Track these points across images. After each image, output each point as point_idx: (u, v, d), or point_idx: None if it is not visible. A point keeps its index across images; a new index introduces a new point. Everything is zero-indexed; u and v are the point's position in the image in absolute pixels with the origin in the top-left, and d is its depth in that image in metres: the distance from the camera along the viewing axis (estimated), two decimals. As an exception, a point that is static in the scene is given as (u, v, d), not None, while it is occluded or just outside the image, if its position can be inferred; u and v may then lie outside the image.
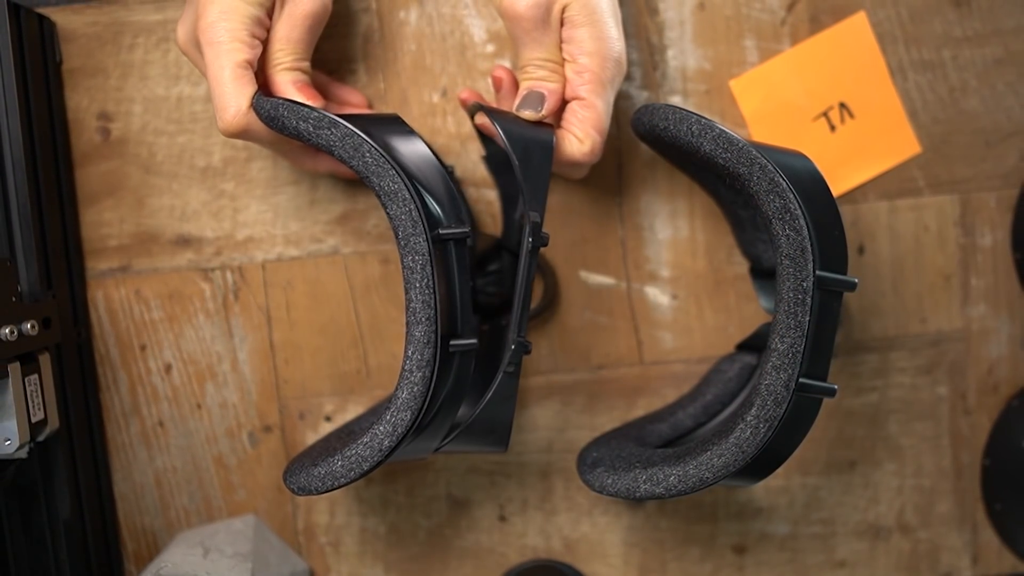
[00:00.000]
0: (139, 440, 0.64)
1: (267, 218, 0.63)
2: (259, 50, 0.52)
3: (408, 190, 0.48)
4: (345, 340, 0.64)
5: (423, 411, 0.48)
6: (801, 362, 0.46)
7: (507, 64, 0.62)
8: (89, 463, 0.62)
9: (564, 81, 0.53)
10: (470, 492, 0.65)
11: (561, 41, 0.52)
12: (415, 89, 0.63)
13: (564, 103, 0.54)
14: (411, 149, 0.52)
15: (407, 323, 0.48)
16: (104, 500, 0.64)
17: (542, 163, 0.51)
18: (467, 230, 0.50)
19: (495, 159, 0.61)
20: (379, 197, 0.48)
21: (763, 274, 0.62)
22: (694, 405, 0.61)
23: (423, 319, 0.47)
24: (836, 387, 0.46)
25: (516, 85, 0.56)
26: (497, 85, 0.57)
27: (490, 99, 0.62)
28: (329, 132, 0.49)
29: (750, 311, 0.64)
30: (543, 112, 0.52)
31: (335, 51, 0.62)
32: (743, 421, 0.46)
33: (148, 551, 0.65)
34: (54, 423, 0.57)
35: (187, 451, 0.64)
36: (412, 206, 0.48)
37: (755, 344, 0.61)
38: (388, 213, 0.48)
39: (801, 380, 0.46)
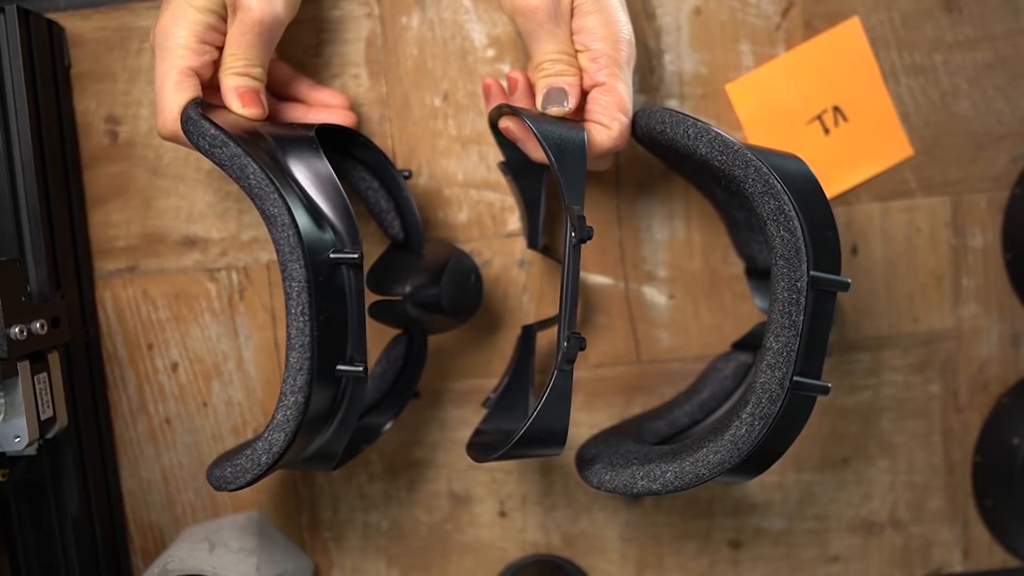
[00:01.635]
0: (146, 437, 0.64)
1: (272, 219, 0.63)
2: (210, 56, 0.52)
3: (289, 214, 0.47)
4: (348, 339, 0.64)
5: (297, 433, 0.48)
6: (795, 361, 0.46)
7: (507, 69, 0.62)
8: (97, 460, 0.62)
9: (580, 73, 0.52)
10: (471, 488, 0.65)
11: (572, 33, 0.52)
12: (417, 93, 0.63)
13: (584, 94, 0.53)
14: (314, 170, 0.51)
15: (286, 347, 0.48)
16: (112, 496, 0.64)
17: (577, 158, 0.50)
18: (356, 256, 0.49)
19: (515, 164, 0.60)
20: (264, 219, 0.48)
21: (758, 274, 0.62)
22: (690, 403, 0.61)
23: (297, 345, 0.47)
24: (830, 385, 0.46)
25: (531, 86, 0.55)
26: (512, 86, 0.56)
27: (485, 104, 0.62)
28: (221, 151, 0.48)
29: (745, 311, 0.64)
30: (569, 106, 0.51)
31: (338, 55, 0.62)
32: (738, 418, 0.46)
33: (155, 546, 0.65)
34: (63, 421, 0.57)
35: (193, 448, 0.64)
36: (291, 231, 0.47)
37: (750, 343, 0.61)
38: (272, 236, 0.48)
39: (795, 378, 0.46)
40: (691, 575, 0.66)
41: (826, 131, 0.63)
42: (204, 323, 0.64)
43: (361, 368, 0.49)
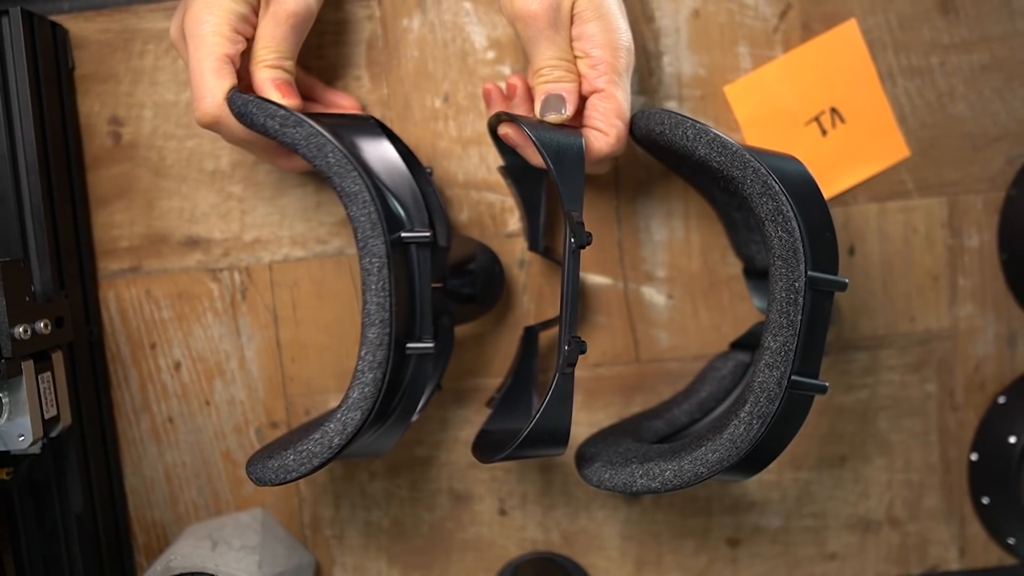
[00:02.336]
0: (149, 436, 0.64)
1: (274, 220, 0.63)
2: (242, 46, 0.52)
3: (369, 192, 0.47)
4: (350, 339, 0.64)
5: (373, 411, 0.47)
6: (793, 360, 0.46)
7: (507, 71, 0.62)
8: (101, 458, 0.62)
9: (579, 79, 0.52)
10: (471, 486, 0.65)
11: (572, 40, 0.52)
12: (418, 94, 0.63)
13: (583, 100, 0.53)
14: (378, 151, 0.51)
15: (362, 324, 0.47)
16: (115, 494, 0.64)
17: (575, 164, 0.50)
18: (428, 234, 0.49)
19: (514, 169, 0.60)
20: (340, 198, 0.48)
21: (756, 274, 0.62)
22: (689, 402, 0.61)
23: (377, 321, 0.47)
24: (827, 384, 0.46)
25: (530, 91, 0.55)
26: (511, 92, 0.56)
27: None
28: (295, 130, 0.48)
29: (744, 310, 0.64)
30: (567, 113, 0.51)
31: (340, 57, 0.62)
32: (737, 417, 0.46)
33: (158, 544, 0.65)
34: (66, 420, 0.57)
35: (196, 447, 0.64)
36: (372, 208, 0.47)
37: (748, 343, 0.61)
38: (348, 214, 0.47)
39: (793, 378, 0.46)
40: (690, 573, 0.66)
41: (824, 132, 0.63)
42: (207, 323, 0.64)
43: (431, 345, 0.49)
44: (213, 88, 0.50)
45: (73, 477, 0.59)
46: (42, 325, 0.53)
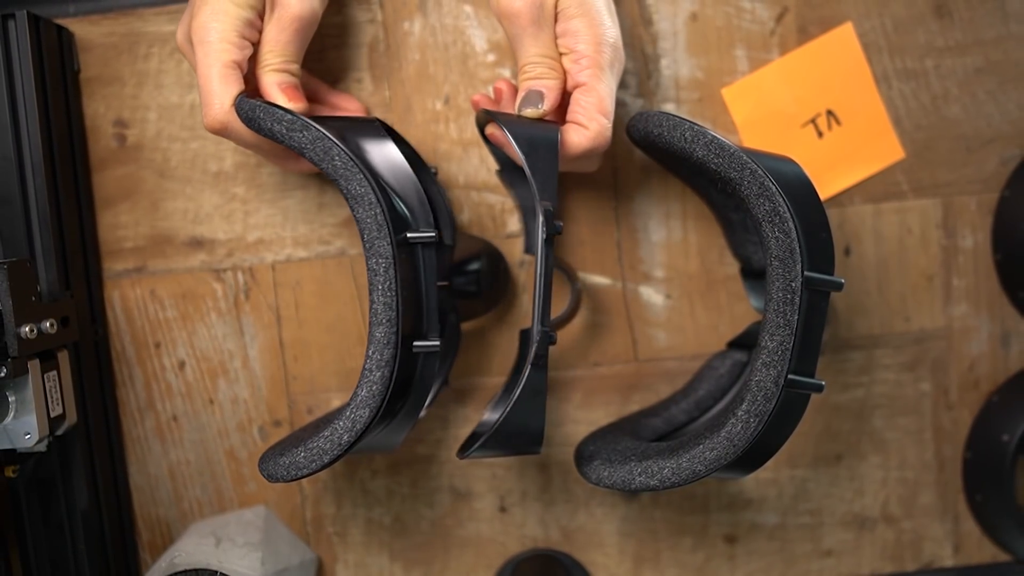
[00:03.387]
0: (154, 434, 0.64)
1: (277, 221, 0.63)
2: (248, 51, 0.52)
3: (375, 193, 0.47)
4: (352, 338, 0.64)
5: (381, 408, 0.47)
6: (790, 359, 0.46)
7: (507, 74, 0.62)
8: (106, 456, 0.62)
9: (563, 76, 0.52)
10: (472, 484, 0.65)
11: (557, 37, 0.52)
12: (419, 97, 0.63)
13: (568, 95, 0.53)
14: (383, 153, 0.51)
15: (369, 323, 0.47)
16: (120, 492, 0.64)
17: (548, 156, 0.49)
18: (433, 234, 0.49)
19: (508, 171, 0.61)
20: (347, 199, 0.48)
21: (753, 274, 0.62)
22: (687, 400, 0.61)
23: (384, 320, 0.47)
24: (823, 383, 0.46)
25: (515, 93, 0.55)
26: (498, 96, 0.56)
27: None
28: (301, 135, 0.48)
29: (741, 310, 0.64)
30: (544, 108, 0.51)
31: (342, 60, 0.62)
32: (734, 416, 0.46)
33: (162, 541, 0.65)
34: (72, 418, 0.57)
35: (200, 445, 0.64)
36: (378, 210, 0.47)
37: (745, 342, 0.61)
38: (355, 216, 0.47)
39: (790, 376, 0.46)
40: (687, 569, 0.66)
41: (820, 134, 0.63)
42: (210, 322, 0.64)
43: (437, 343, 0.49)
44: (221, 95, 0.50)
45: (78, 475, 0.59)
46: (48, 325, 0.53)
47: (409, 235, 0.49)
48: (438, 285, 0.52)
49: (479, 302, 0.60)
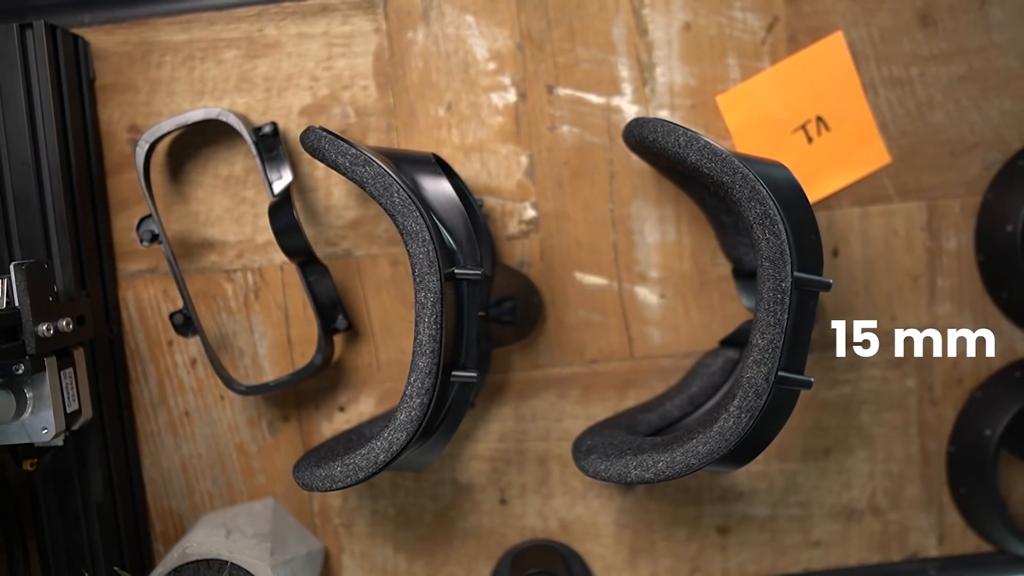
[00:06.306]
0: (167, 429, 0.64)
1: (285, 223, 0.63)
2: None
3: (428, 232, 0.48)
4: (357, 336, 0.64)
5: (418, 433, 0.48)
6: (780, 357, 0.46)
7: (507, 82, 0.62)
8: (120, 450, 0.62)
9: None
10: (473, 477, 0.65)
11: None
12: (422, 103, 0.63)
13: None
14: (437, 189, 0.52)
15: (413, 352, 0.48)
16: (134, 485, 0.64)
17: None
18: (479, 272, 0.50)
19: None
20: (401, 234, 0.48)
21: (745, 275, 0.62)
22: (681, 396, 0.61)
23: (427, 351, 0.48)
24: (812, 380, 0.46)
25: None
26: None
27: (489, 113, 0.62)
28: (364, 170, 0.49)
29: (733, 309, 0.64)
30: None
31: (348, 68, 0.62)
32: (726, 411, 0.46)
33: (175, 532, 0.65)
34: (88, 413, 0.57)
35: (211, 439, 0.64)
36: (430, 247, 0.48)
37: (737, 340, 0.61)
38: (408, 250, 0.48)
39: (780, 373, 0.46)
40: (681, 559, 0.66)
41: (809, 140, 0.63)
42: (221, 321, 0.64)
43: (474, 375, 0.50)
44: None
45: (94, 468, 0.59)
46: (64, 323, 0.53)
47: (456, 271, 0.50)
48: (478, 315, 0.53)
49: (511, 331, 0.61)
